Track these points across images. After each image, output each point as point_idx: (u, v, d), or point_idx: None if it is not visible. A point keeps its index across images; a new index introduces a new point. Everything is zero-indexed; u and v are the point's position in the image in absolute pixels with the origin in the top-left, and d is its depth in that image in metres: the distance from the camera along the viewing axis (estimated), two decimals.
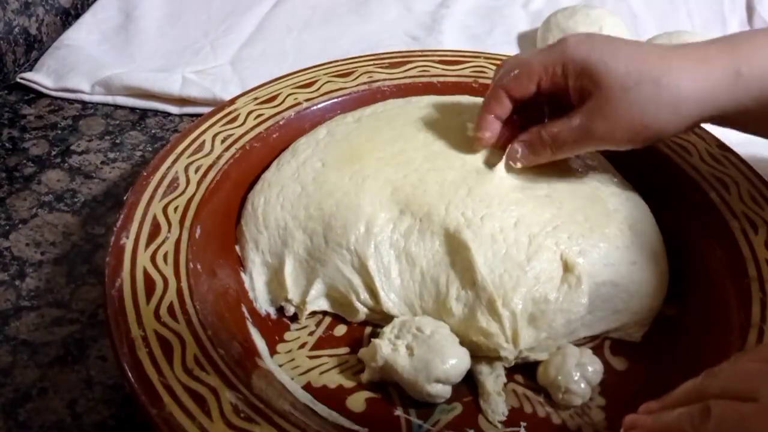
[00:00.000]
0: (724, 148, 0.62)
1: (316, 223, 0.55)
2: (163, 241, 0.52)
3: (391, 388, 0.51)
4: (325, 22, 0.92)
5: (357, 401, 0.50)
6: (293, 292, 0.55)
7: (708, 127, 0.63)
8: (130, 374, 0.44)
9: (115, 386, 0.52)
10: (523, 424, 0.49)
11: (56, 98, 0.78)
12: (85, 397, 0.51)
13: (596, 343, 0.54)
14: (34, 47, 0.85)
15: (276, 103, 0.65)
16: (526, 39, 0.90)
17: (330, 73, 0.69)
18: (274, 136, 0.63)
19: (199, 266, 0.52)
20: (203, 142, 0.60)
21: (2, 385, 0.51)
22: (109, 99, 0.78)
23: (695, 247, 0.57)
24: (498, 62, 0.70)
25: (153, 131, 0.75)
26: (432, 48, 0.80)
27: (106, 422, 0.50)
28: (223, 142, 0.61)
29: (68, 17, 0.91)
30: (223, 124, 0.62)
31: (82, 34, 0.86)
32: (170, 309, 0.48)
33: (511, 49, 0.87)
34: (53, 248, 0.62)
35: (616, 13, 0.88)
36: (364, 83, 0.68)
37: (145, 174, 0.57)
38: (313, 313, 0.56)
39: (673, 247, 0.58)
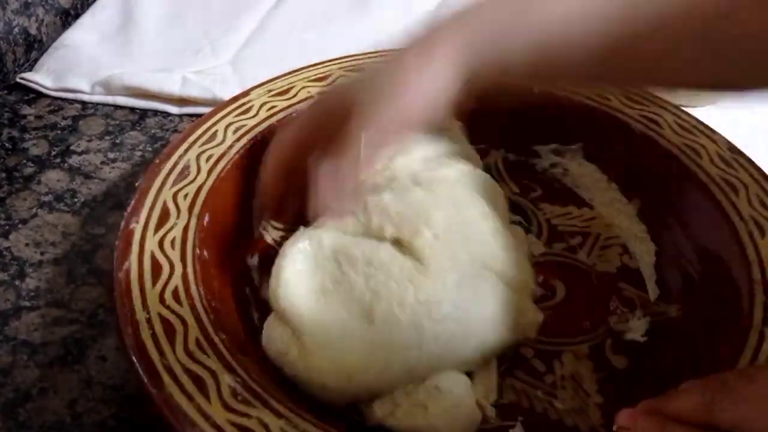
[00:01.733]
0: (734, 151, 0.63)
1: None
2: (172, 227, 0.54)
3: None
4: (326, 22, 0.93)
5: None
6: None
7: (719, 129, 0.65)
8: (132, 354, 0.46)
9: (115, 386, 0.53)
10: (519, 419, 0.50)
11: (56, 98, 0.80)
12: (85, 397, 0.52)
13: (597, 342, 0.55)
14: (34, 47, 0.87)
15: (289, 95, 0.67)
16: None
17: (344, 68, 0.70)
18: None
19: (205, 253, 0.54)
20: (216, 132, 0.62)
21: (2, 385, 0.53)
22: (109, 99, 0.80)
23: (701, 249, 0.59)
24: None
25: (153, 131, 0.76)
26: None
27: (106, 422, 0.51)
28: (235, 132, 0.62)
29: (68, 17, 0.92)
30: (236, 115, 0.64)
31: (82, 34, 0.88)
32: (175, 293, 0.50)
33: None
34: (53, 248, 0.63)
35: None
36: None
37: (157, 161, 0.59)
38: None
39: (680, 248, 0.60)
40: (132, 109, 0.79)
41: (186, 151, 0.60)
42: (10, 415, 0.51)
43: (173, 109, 0.79)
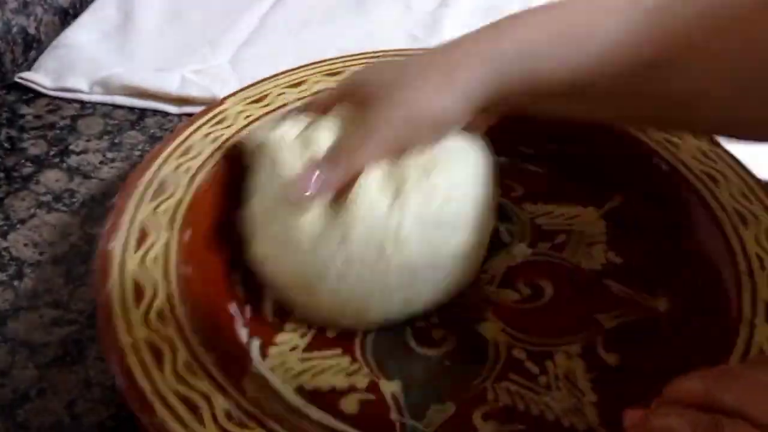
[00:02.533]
0: (714, 144, 0.61)
1: None
2: (152, 245, 0.51)
3: (384, 389, 0.50)
4: (326, 22, 0.90)
5: (350, 403, 0.49)
6: None
7: None
8: (120, 383, 0.43)
9: (114, 387, 0.50)
10: (516, 422, 0.48)
11: (55, 98, 0.77)
12: (83, 398, 0.50)
13: (588, 341, 0.53)
14: (33, 47, 0.84)
15: (265, 103, 0.64)
16: None
17: (320, 72, 0.67)
18: None
19: (189, 270, 0.51)
20: (192, 144, 0.59)
21: (1, 385, 0.51)
22: (108, 99, 0.77)
23: (686, 242, 0.57)
24: None
25: (152, 131, 0.74)
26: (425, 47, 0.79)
27: (105, 423, 0.49)
28: (212, 142, 0.60)
29: (67, 17, 0.89)
30: (213, 125, 0.61)
31: (81, 33, 0.85)
32: (160, 314, 0.47)
33: None
34: (52, 248, 0.61)
35: None
36: None
37: (132, 176, 0.56)
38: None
39: (664, 243, 0.58)
40: (131, 109, 0.76)
41: (162, 165, 0.57)
42: (9, 415, 0.49)
43: (172, 109, 0.76)
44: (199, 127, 0.61)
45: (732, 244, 0.54)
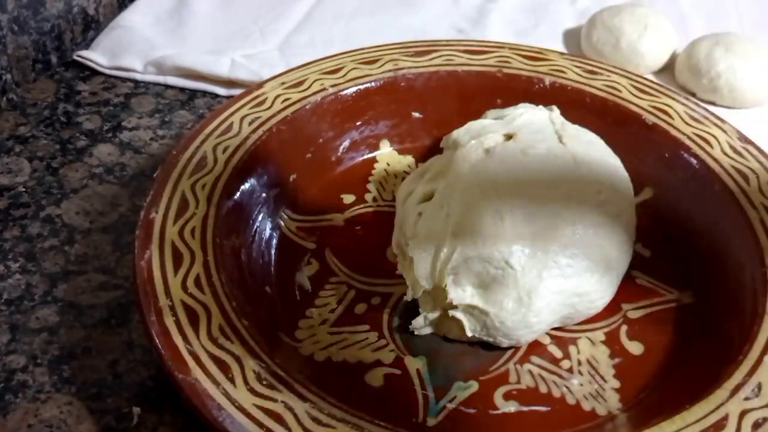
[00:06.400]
0: (745, 141, 0.60)
1: None
2: (191, 217, 0.52)
3: (409, 365, 0.50)
4: (373, 12, 0.90)
5: (375, 376, 0.49)
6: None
7: (729, 119, 0.63)
8: (157, 341, 0.44)
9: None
10: (537, 403, 0.48)
11: (110, 76, 0.78)
12: (126, 359, 0.51)
13: (612, 329, 0.53)
14: (92, 27, 0.85)
15: (303, 88, 0.64)
16: (571, 36, 0.88)
17: (356, 60, 0.67)
18: (300, 119, 0.62)
19: (225, 242, 0.52)
20: (231, 123, 0.60)
21: (49, 342, 0.52)
22: (160, 79, 0.78)
23: (713, 237, 0.56)
24: (523, 53, 0.69)
25: (201, 111, 0.74)
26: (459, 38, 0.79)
27: (144, 382, 0.50)
28: (250, 124, 0.60)
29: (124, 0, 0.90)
30: (251, 107, 0.61)
31: (137, 16, 0.85)
32: (197, 280, 0.48)
33: (556, 45, 0.85)
34: (101, 218, 0.62)
35: (664, 13, 0.84)
36: (389, 71, 0.66)
37: (174, 153, 0.57)
38: (335, 292, 0.55)
39: (692, 236, 0.57)
40: (182, 89, 0.77)
41: (202, 142, 0.58)
42: (56, 371, 0.50)
43: (221, 91, 0.77)
44: (239, 109, 0.61)
45: (760, 240, 0.52)
